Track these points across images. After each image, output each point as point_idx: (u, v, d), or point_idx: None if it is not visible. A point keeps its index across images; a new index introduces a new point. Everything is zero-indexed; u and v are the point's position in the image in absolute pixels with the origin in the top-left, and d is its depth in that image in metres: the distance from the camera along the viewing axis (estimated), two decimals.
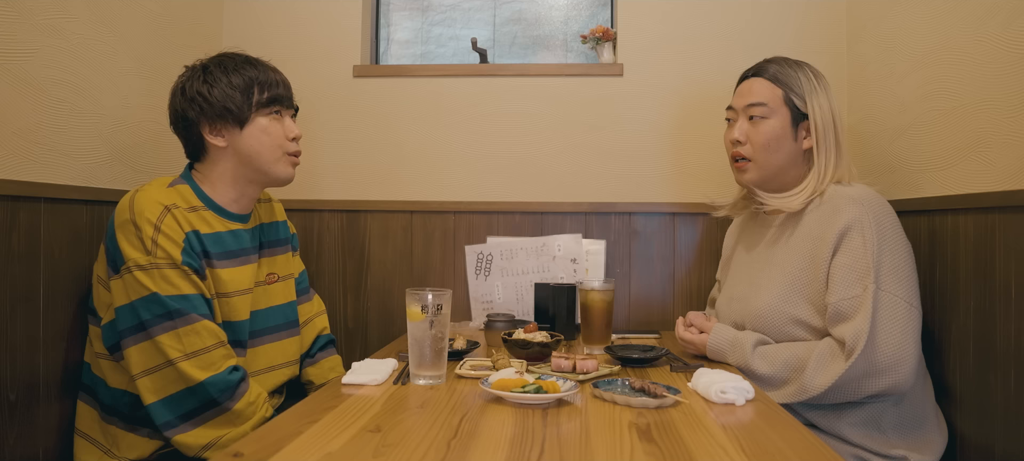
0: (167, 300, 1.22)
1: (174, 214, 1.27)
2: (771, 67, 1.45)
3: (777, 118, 1.42)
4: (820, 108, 1.41)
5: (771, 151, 1.42)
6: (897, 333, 1.24)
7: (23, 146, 1.30)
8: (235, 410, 1.25)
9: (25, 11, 1.30)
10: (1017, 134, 1.26)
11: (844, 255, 1.29)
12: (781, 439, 0.90)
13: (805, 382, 1.27)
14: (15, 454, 1.26)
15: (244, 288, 1.38)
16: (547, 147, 2.01)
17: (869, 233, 1.28)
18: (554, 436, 0.90)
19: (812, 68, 1.46)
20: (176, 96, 1.38)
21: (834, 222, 1.32)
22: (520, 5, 2.21)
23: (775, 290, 1.39)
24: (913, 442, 1.32)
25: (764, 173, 1.44)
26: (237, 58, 1.39)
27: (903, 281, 1.28)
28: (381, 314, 2.01)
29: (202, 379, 1.22)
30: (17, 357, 1.26)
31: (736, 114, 1.48)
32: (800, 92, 1.42)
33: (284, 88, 1.42)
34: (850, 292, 1.26)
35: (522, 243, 1.95)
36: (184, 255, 1.25)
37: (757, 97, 1.43)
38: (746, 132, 1.44)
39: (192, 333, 1.23)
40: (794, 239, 1.41)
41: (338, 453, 0.83)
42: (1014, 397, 1.24)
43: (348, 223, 2.02)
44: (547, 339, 1.35)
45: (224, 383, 1.24)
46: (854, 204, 1.31)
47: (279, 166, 1.41)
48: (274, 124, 1.39)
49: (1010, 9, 1.28)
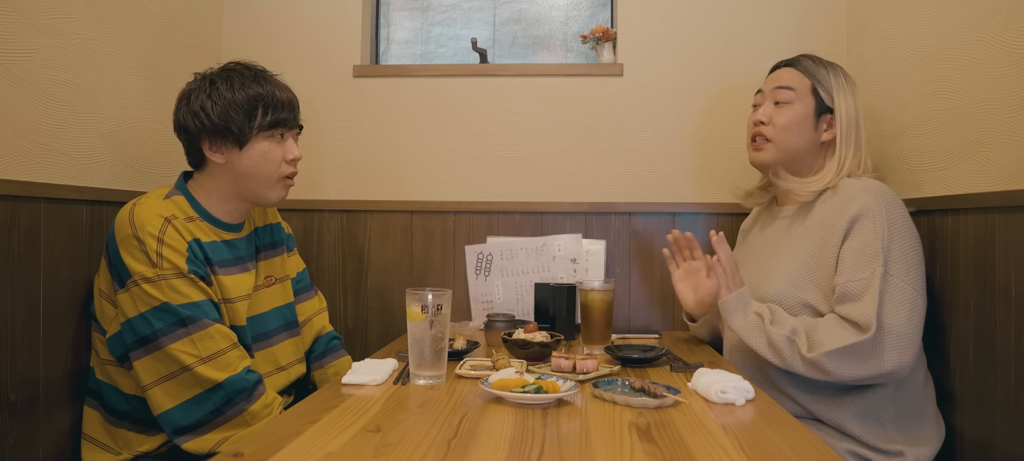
0: (178, 309, 1.22)
1: (174, 225, 1.27)
2: (804, 60, 1.52)
3: (801, 105, 1.47)
4: (846, 105, 1.46)
5: (791, 134, 1.47)
6: (904, 317, 1.25)
7: (23, 146, 1.30)
8: (251, 411, 1.25)
9: (25, 11, 1.30)
10: (1017, 134, 1.26)
11: (855, 239, 1.32)
12: (781, 439, 0.90)
13: (814, 338, 1.28)
14: (15, 455, 1.26)
15: (244, 294, 1.39)
16: (547, 147, 2.01)
17: (880, 220, 1.30)
18: (554, 436, 0.90)
19: (844, 71, 1.51)
20: (181, 105, 1.37)
21: (846, 209, 1.35)
22: (520, 5, 2.21)
23: (785, 275, 1.41)
24: (911, 436, 1.32)
25: (780, 155, 1.49)
26: (245, 74, 1.36)
27: (911, 268, 1.30)
28: (381, 314, 2.01)
29: (221, 379, 1.22)
30: (17, 357, 1.26)
31: (763, 97, 1.53)
32: (828, 86, 1.47)
33: (288, 109, 1.39)
34: (859, 274, 1.28)
35: (522, 243, 1.94)
36: (189, 263, 1.26)
37: (786, 82, 1.49)
38: (770, 114, 1.50)
39: (206, 337, 1.23)
40: (804, 227, 1.44)
41: (338, 453, 0.83)
42: (1014, 397, 1.24)
43: (348, 223, 2.02)
44: (547, 339, 1.35)
45: (243, 383, 1.25)
46: (866, 193, 1.34)
47: (272, 191, 1.40)
48: (274, 148, 1.38)
49: (1010, 9, 1.28)
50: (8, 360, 1.24)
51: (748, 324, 1.36)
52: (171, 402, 1.23)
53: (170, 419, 1.23)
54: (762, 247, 1.56)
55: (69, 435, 1.37)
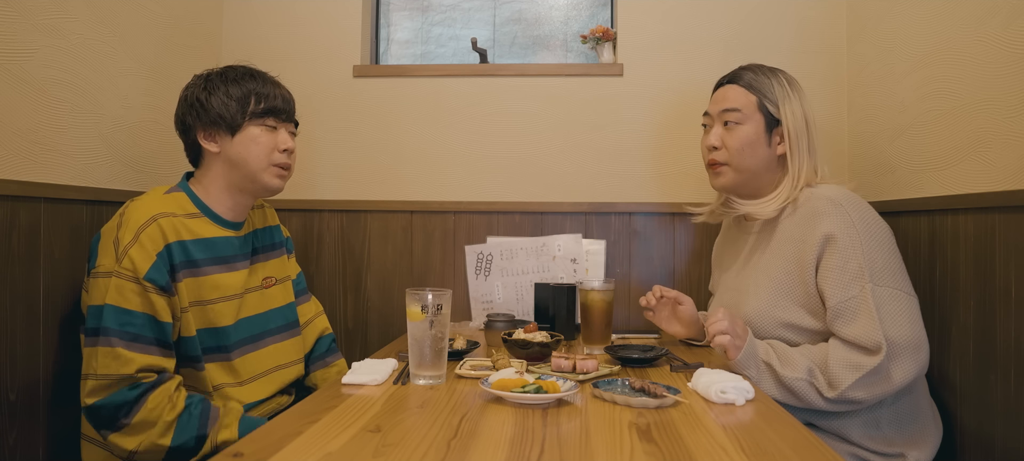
0: (107, 313, 1.21)
1: (161, 224, 1.27)
2: (746, 74, 1.48)
3: (751, 124, 1.44)
4: (792, 114, 1.43)
5: (745, 155, 1.44)
6: (906, 324, 1.25)
7: (23, 146, 1.30)
8: (134, 422, 1.20)
9: (25, 11, 1.30)
10: (1017, 134, 1.26)
11: (832, 257, 1.29)
12: (781, 439, 0.90)
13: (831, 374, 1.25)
14: (15, 455, 1.26)
15: (231, 293, 1.39)
16: (547, 147, 2.01)
17: (853, 234, 1.28)
18: (554, 436, 0.90)
19: (786, 75, 1.47)
20: (181, 102, 1.42)
21: (815, 226, 1.32)
22: (520, 5, 2.21)
23: (762, 295, 1.39)
24: (910, 438, 1.32)
25: (739, 177, 1.46)
26: (241, 70, 1.42)
27: (896, 274, 1.29)
28: (381, 314, 2.01)
29: (93, 402, 1.20)
30: (17, 357, 1.26)
31: (712, 120, 1.51)
32: (773, 98, 1.44)
33: (283, 102, 1.43)
34: (848, 293, 1.26)
35: (522, 243, 1.94)
36: (152, 269, 1.24)
37: (731, 103, 1.46)
38: (721, 137, 1.47)
39: (108, 355, 1.20)
40: (774, 244, 1.42)
41: (338, 453, 0.83)
42: (1014, 396, 1.24)
43: (348, 223, 2.02)
44: (547, 339, 1.35)
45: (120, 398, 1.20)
46: (833, 206, 1.31)
47: (265, 176, 1.41)
48: (265, 134, 1.41)
49: (1010, 9, 1.28)
50: (8, 360, 1.24)
51: (761, 376, 1.31)
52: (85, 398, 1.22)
53: (87, 412, 1.22)
54: (736, 267, 1.54)
55: (69, 435, 1.37)
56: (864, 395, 1.24)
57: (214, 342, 1.36)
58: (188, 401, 1.25)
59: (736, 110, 1.45)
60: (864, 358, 1.24)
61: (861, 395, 1.24)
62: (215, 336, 1.36)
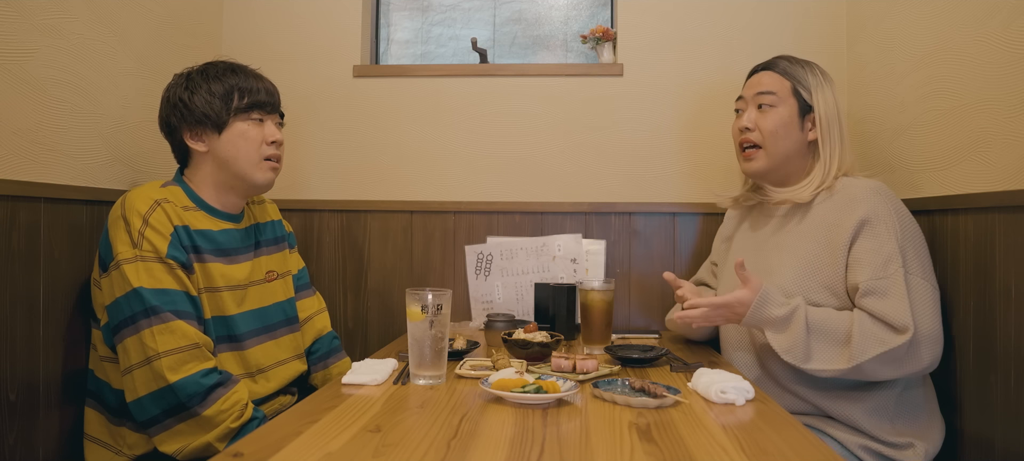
0: (147, 295, 1.22)
1: (164, 208, 1.28)
2: (781, 62, 1.52)
3: (785, 107, 1.47)
4: (825, 102, 1.46)
5: (779, 138, 1.46)
6: (930, 315, 1.27)
7: (23, 146, 1.30)
8: (206, 416, 1.21)
9: (25, 11, 1.30)
10: (1017, 134, 1.26)
11: (868, 240, 1.32)
12: (781, 439, 0.90)
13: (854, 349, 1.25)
14: (15, 455, 1.26)
15: (236, 284, 1.39)
16: (547, 147, 2.01)
17: (890, 221, 1.32)
18: (554, 436, 0.90)
19: (819, 67, 1.51)
20: (163, 103, 1.41)
21: (853, 211, 1.35)
22: (520, 5, 2.21)
23: (788, 274, 1.40)
24: (919, 429, 1.33)
25: (772, 161, 1.48)
26: (221, 66, 1.41)
27: (925, 266, 1.32)
28: (381, 314, 2.01)
29: (173, 381, 1.20)
30: (17, 357, 1.26)
31: (746, 104, 1.53)
32: (807, 85, 1.47)
33: (266, 94, 1.43)
34: (881, 272, 1.29)
35: (522, 243, 1.94)
36: (171, 248, 1.26)
37: (767, 87, 1.49)
38: (755, 120, 1.49)
39: (166, 332, 1.22)
40: (805, 226, 1.44)
41: (338, 453, 0.83)
42: (1014, 396, 1.24)
43: (348, 223, 2.02)
44: (547, 339, 1.35)
45: (195, 386, 1.21)
46: (873, 194, 1.35)
47: (257, 172, 1.41)
48: (253, 129, 1.40)
49: (1010, 9, 1.28)
50: (8, 360, 1.24)
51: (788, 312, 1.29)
52: (132, 395, 1.22)
53: (136, 408, 1.22)
54: (758, 246, 1.55)
55: (70, 435, 1.37)
56: (878, 370, 1.25)
57: (225, 331, 1.36)
58: (255, 413, 1.27)
59: (771, 93, 1.48)
60: (890, 335, 1.25)
61: (876, 369, 1.25)
62: (226, 325, 1.36)
